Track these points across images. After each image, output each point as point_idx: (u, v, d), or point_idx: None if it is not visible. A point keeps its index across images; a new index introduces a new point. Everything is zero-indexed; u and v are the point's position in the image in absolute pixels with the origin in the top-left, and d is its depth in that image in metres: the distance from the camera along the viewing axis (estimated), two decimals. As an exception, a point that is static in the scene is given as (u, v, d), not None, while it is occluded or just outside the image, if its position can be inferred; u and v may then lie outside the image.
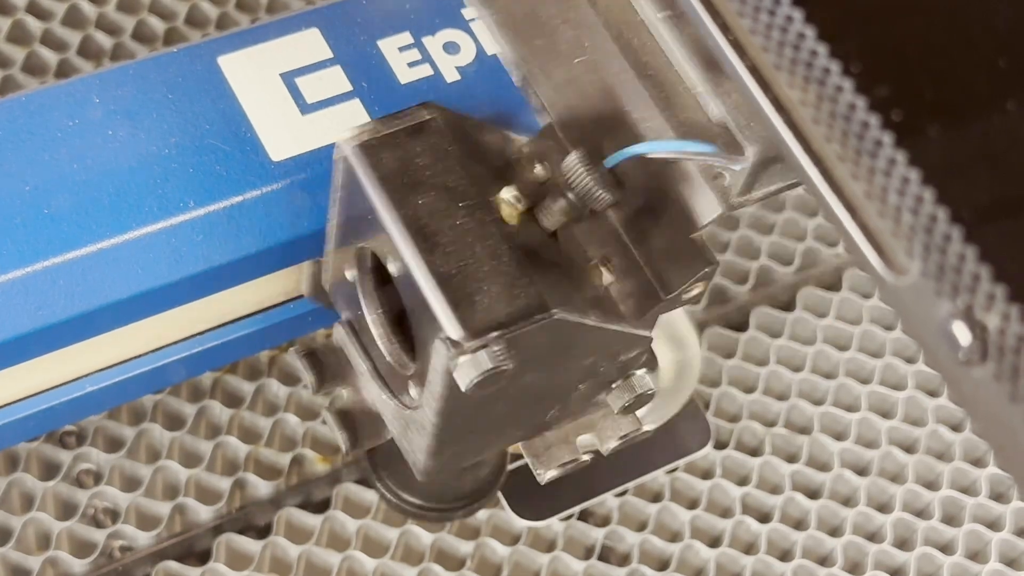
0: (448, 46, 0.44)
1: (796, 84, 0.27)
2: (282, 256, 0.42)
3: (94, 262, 0.40)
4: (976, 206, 0.25)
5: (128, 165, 0.41)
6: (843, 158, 0.26)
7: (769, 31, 0.27)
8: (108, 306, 0.40)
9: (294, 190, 0.41)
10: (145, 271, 0.40)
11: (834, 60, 0.26)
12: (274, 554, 0.49)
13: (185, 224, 0.40)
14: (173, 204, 0.41)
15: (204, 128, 0.42)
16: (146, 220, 0.40)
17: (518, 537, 0.50)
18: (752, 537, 0.52)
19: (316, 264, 0.42)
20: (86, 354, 0.42)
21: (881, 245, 0.26)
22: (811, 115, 0.27)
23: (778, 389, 0.55)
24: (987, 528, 0.53)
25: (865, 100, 0.26)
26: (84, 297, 0.40)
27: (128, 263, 0.40)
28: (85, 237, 0.40)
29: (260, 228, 0.41)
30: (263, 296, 0.44)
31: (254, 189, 0.41)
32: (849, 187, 0.26)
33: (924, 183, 0.25)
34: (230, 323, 0.44)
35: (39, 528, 0.48)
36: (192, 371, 0.46)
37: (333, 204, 0.38)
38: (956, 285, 0.24)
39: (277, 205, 0.41)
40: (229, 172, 0.41)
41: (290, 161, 0.42)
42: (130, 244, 0.40)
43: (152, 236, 0.40)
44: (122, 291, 0.40)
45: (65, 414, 0.44)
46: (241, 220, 0.41)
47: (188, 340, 0.44)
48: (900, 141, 0.25)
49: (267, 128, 0.42)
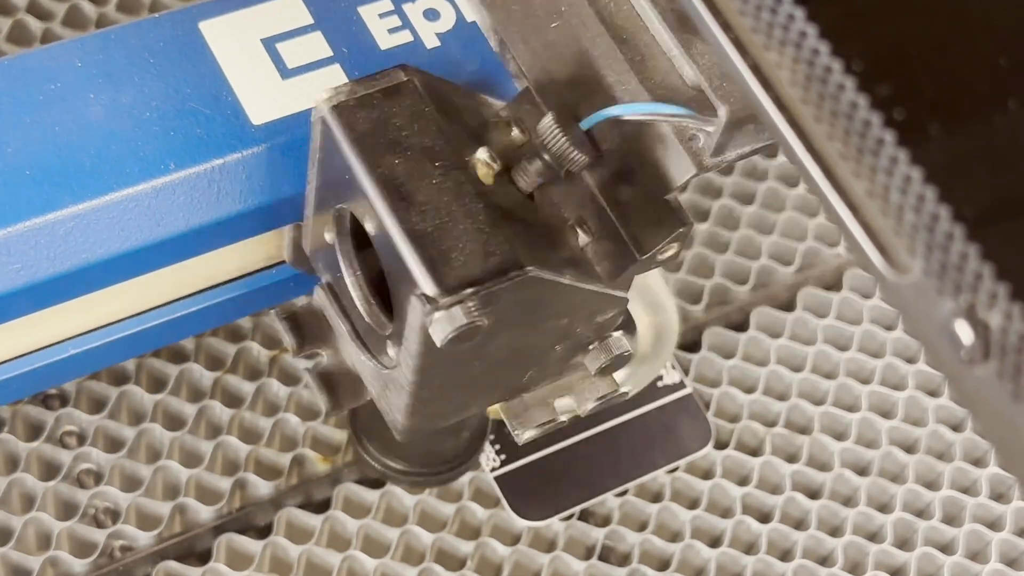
0: (428, 13, 0.45)
1: (798, 83, 0.27)
2: (263, 219, 0.43)
3: (75, 223, 0.40)
4: (979, 205, 0.25)
5: (109, 128, 0.41)
6: (845, 157, 0.26)
7: (771, 30, 0.27)
8: (90, 267, 0.41)
9: (275, 153, 0.42)
10: (126, 232, 0.41)
11: (836, 59, 0.26)
12: (275, 554, 0.49)
13: (166, 186, 0.41)
14: (154, 166, 0.41)
15: (185, 92, 0.42)
16: (127, 182, 0.41)
17: (518, 537, 0.50)
18: (753, 537, 0.52)
19: (297, 228, 0.42)
20: (67, 316, 0.42)
21: (883, 244, 0.26)
22: (813, 113, 0.27)
23: (778, 389, 0.55)
24: (988, 528, 0.53)
25: (867, 99, 0.26)
26: (65, 257, 0.40)
27: (109, 224, 0.41)
28: (66, 198, 0.40)
29: (241, 191, 0.42)
30: (245, 261, 0.44)
31: (235, 152, 0.42)
32: (851, 186, 0.26)
33: (926, 182, 0.25)
34: (212, 288, 0.45)
35: (39, 528, 0.48)
36: (173, 336, 0.46)
37: (312, 166, 0.39)
38: (958, 284, 0.24)
39: (258, 168, 0.42)
40: (210, 135, 0.42)
41: (270, 125, 0.42)
42: (111, 205, 0.41)
43: (133, 198, 0.41)
44: (103, 251, 0.41)
45: (45, 378, 0.44)
46: (222, 183, 0.42)
47: (170, 305, 0.44)
48: (902, 140, 0.25)
49: (248, 92, 0.42)
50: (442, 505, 0.50)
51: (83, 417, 0.50)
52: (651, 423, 0.53)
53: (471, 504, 0.50)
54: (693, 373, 0.54)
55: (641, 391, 0.53)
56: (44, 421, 0.50)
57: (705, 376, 0.55)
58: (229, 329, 0.53)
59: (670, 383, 0.53)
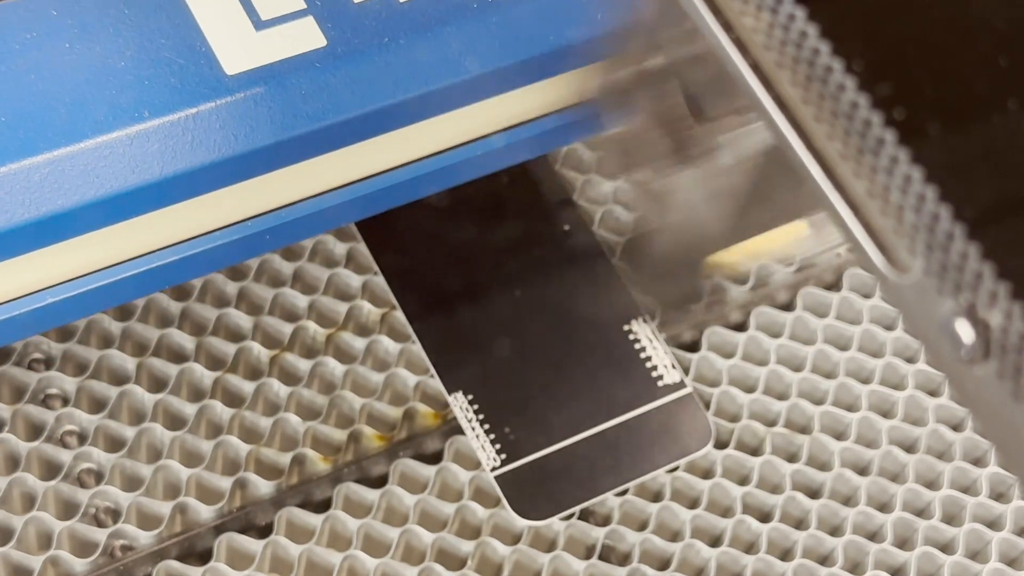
0: None
1: (798, 82, 0.27)
2: (237, 169, 0.43)
3: (51, 169, 0.41)
4: (979, 204, 0.25)
5: (84, 77, 0.42)
6: (845, 156, 0.26)
7: (771, 30, 0.27)
8: (65, 213, 0.41)
9: (248, 104, 0.42)
10: (101, 179, 0.41)
11: (836, 58, 0.26)
12: (275, 553, 0.49)
13: (141, 134, 0.41)
14: (128, 114, 0.41)
15: (160, 42, 0.43)
16: (102, 129, 0.41)
17: (519, 536, 0.50)
18: (753, 536, 0.52)
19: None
20: (42, 263, 0.43)
21: (884, 243, 0.26)
22: (813, 113, 0.27)
23: (778, 389, 0.55)
24: (987, 528, 0.53)
25: (867, 98, 0.26)
26: (40, 203, 0.41)
27: (84, 171, 0.41)
28: (42, 145, 0.41)
29: (215, 140, 0.42)
30: (219, 213, 0.45)
31: (209, 102, 0.42)
32: (851, 185, 0.26)
33: (927, 181, 0.25)
34: (189, 240, 0.45)
35: (40, 527, 0.48)
36: (148, 288, 0.46)
37: None
38: (959, 283, 0.24)
39: (232, 118, 0.42)
40: (184, 85, 0.42)
41: (244, 75, 0.43)
42: (86, 152, 0.41)
43: (108, 145, 0.41)
44: (79, 198, 0.41)
45: (21, 327, 0.45)
46: (196, 132, 0.42)
47: (146, 256, 0.45)
48: (903, 139, 0.25)
49: (222, 43, 0.43)
50: (442, 505, 0.50)
51: (84, 416, 0.50)
52: (651, 423, 0.53)
53: (471, 504, 0.50)
54: (693, 373, 0.54)
55: (641, 391, 0.53)
56: (45, 421, 0.50)
57: (705, 376, 0.55)
58: (229, 329, 0.53)
59: (670, 383, 0.53)
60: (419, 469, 0.51)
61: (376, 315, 0.54)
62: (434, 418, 0.52)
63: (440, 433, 0.52)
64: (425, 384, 0.53)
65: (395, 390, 0.53)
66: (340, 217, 0.48)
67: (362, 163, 0.47)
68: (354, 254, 0.55)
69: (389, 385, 0.53)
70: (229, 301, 0.54)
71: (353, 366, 0.53)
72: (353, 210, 0.47)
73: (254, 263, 0.54)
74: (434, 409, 0.52)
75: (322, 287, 0.54)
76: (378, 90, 0.44)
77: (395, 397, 0.53)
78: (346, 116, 0.44)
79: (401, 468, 0.51)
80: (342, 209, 0.47)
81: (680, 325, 0.53)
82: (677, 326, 0.53)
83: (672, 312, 0.51)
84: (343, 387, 0.52)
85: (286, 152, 0.44)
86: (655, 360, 0.54)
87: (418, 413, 0.52)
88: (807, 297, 0.57)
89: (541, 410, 0.52)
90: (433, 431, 0.52)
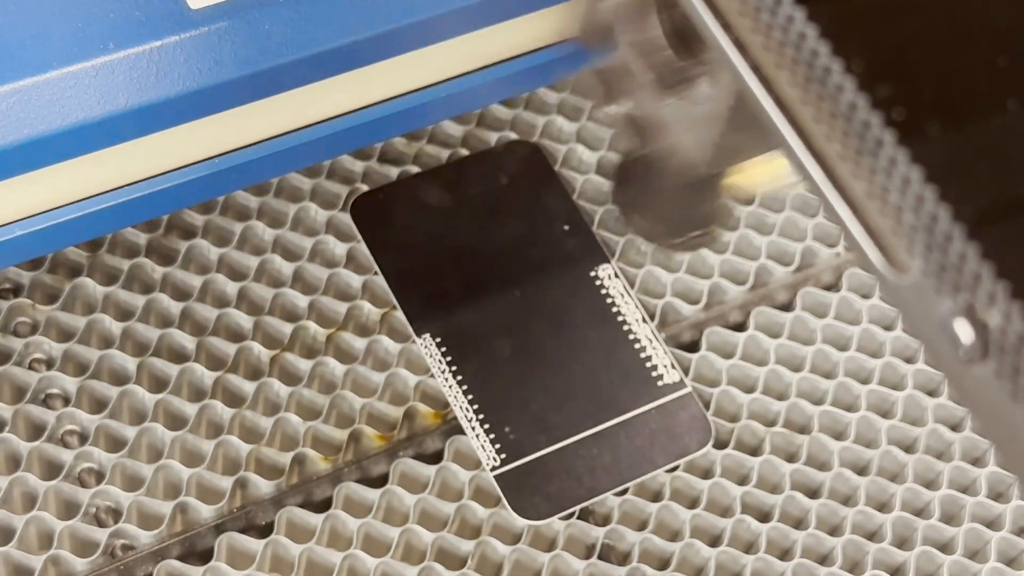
0: None
1: (797, 83, 0.27)
2: (201, 103, 0.44)
3: (17, 98, 0.41)
4: (978, 204, 0.25)
5: (50, 9, 0.42)
6: (844, 157, 0.26)
7: (770, 30, 0.27)
8: (30, 142, 0.42)
9: (212, 38, 0.43)
10: (67, 109, 0.42)
11: (835, 59, 0.26)
12: (276, 553, 0.49)
13: (106, 66, 0.42)
14: (94, 46, 0.42)
15: None
16: (67, 60, 0.42)
17: (519, 536, 0.50)
18: (752, 536, 0.52)
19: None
20: (8, 195, 0.44)
21: (883, 243, 0.26)
22: (812, 114, 0.27)
23: (778, 389, 0.55)
24: (986, 527, 0.53)
25: (867, 99, 0.26)
26: (6, 133, 0.41)
27: (50, 101, 0.42)
28: (6, 76, 0.41)
29: (179, 73, 0.43)
30: (185, 148, 0.46)
31: (173, 35, 0.43)
32: (851, 186, 0.26)
33: (926, 181, 0.25)
34: (155, 176, 0.46)
35: (41, 527, 0.48)
36: (117, 224, 0.47)
37: None
38: (958, 283, 0.24)
39: (196, 52, 0.43)
40: (149, 18, 0.43)
41: (208, 9, 0.43)
42: (52, 83, 0.42)
43: (73, 76, 0.42)
44: (44, 127, 0.42)
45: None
46: (161, 64, 0.43)
47: (113, 191, 0.46)
48: (902, 140, 0.25)
49: None
50: (443, 504, 0.50)
51: (84, 416, 0.50)
52: (651, 423, 0.53)
53: (471, 503, 0.51)
54: (693, 373, 0.54)
55: (641, 391, 0.53)
56: (46, 421, 0.50)
57: (705, 376, 0.55)
58: (230, 329, 0.53)
59: (670, 383, 0.53)
60: (419, 469, 0.51)
61: (376, 315, 0.54)
62: (434, 418, 0.52)
63: (440, 433, 0.52)
64: (425, 384, 0.53)
65: (395, 390, 0.53)
66: (308, 156, 0.48)
67: (327, 101, 0.47)
68: (354, 254, 0.55)
69: (389, 385, 0.53)
70: (229, 301, 0.54)
71: (353, 366, 0.53)
72: (320, 150, 0.48)
73: (254, 263, 0.54)
74: (434, 409, 0.52)
75: (322, 287, 0.54)
76: (343, 26, 0.45)
77: (395, 397, 0.53)
78: (309, 53, 0.44)
79: (401, 468, 0.51)
80: (310, 148, 0.48)
81: (680, 248, 0.53)
82: (675, 251, 0.54)
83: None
84: (343, 387, 0.52)
85: (250, 87, 0.44)
86: (655, 360, 0.54)
87: (418, 413, 0.52)
88: (806, 297, 0.57)
89: (541, 410, 0.52)
90: (433, 431, 0.52)
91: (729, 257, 0.57)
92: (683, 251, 0.52)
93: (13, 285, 0.53)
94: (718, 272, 0.57)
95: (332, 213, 0.56)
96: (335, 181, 0.57)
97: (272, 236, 0.55)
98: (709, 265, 0.57)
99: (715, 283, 0.56)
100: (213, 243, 0.55)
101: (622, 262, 0.56)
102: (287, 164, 0.48)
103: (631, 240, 0.57)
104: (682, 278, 0.56)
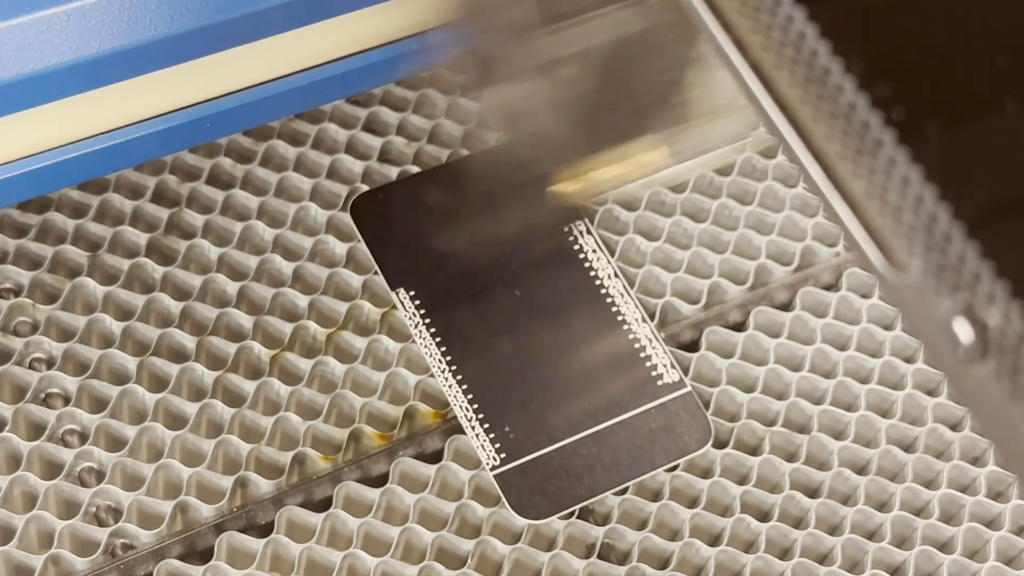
0: None
1: (797, 83, 0.27)
2: (173, 49, 0.44)
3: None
4: (977, 204, 0.25)
5: None
6: (844, 157, 0.26)
7: (770, 30, 0.27)
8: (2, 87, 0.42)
9: None
10: (39, 54, 0.42)
11: (835, 58, 0.26)
12: (276, 552, 0.49)
13: (78, 11, 0.43)
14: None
15: None
16: (40, 5, 0.42)
17: (519, 535, 0.50)
18: (752, 536, 0.52)
19: None
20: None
21: (883, 243, 0.26)
22: (812, 114, 0.27)
23: (777, 388, 0.55)
24: (986, 527, 0.53)
25: (866, 98, 0.26)
26: None
27: (22, 46, 0.42)
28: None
29: (151, 19, 0.43)
30: (159, 96, 0.46)
31: None
32: (850, 185, 0.26)
33: (925, 181, 0.25)
34: (128, 125, 0.47)
35: (41, 527, 0.48)
36: (88, 174, 0.48)
37: None
38: (957, 283, 0.24)
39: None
40: None
41: None
42: (24, 27, 0.42)
43: (46, 20, 0.42)
44: (16, 71, 0.42)
45: None
46: (132, 10, 0.43)
47: (87, 139, 0.46)
48: (901, 139, 0.25)
49: None
50: (443, 504, 0.50)
51: (85, 416, 0.50)
52: (651, 422, 0.53)
53: (471, 503, 0.51)
54: (692, 372, 0.54)
55: (640, 390, 0.53)
56: (46, 420, 0.50)
57: (704, 375, 0.55)
58: (230, 329, 0.53)
59: (669, 382, 0.53)
60: (419, 468, 0.51)
61: (376, 315, 0.54)
62: (434, 417, 0.52)
63: (440, 432, 0.52)
64: (425, 383, 0.53)
65: (395, 389, 0.53)
66: (279, 109, 0.49)
67: (310, 50, 0.48)
68: (354, 254, 0.55)
69: (389, 384, 0.53)
70: (230, 301, 0.54)
71: (353, 366, 0.53)
72: (310, 95, 0.49)
73: (254, 263, 0.54)
74: (434, 408, 0.53)
75: (322, 287, 0.54)
76: None
77: (395, 396, 0.53)
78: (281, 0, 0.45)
79: (401, 467, 0.51)
80: (282, 100, 0.48)
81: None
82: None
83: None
84: (343, 387, 0.52)
85: (221, 35, 0.45)
86: (654, 360, 0.54)
87: (418, 412, 0.52)
88: (806, 297, 0.57)
89: (541, 409, 0.52)
90: (433, 430, 0.52)
91: (729, 257, 0.57)
92: None
93: (13, 285, 0.53)
94: (718, 272, 0.57)
95: (332, 213, 0.56)
96: (335, 181, 0.57)
97: (272, 236, 0.55)
98: (709, 265, 0.57)
99: (715, 283, 0.56)
100: (213, 243, 0.55)
101: (622, 261, 0.56)
102: (262, 115, 0.49)
103: (631, 240, 0.57)
104: (682, 278, 0.56)
